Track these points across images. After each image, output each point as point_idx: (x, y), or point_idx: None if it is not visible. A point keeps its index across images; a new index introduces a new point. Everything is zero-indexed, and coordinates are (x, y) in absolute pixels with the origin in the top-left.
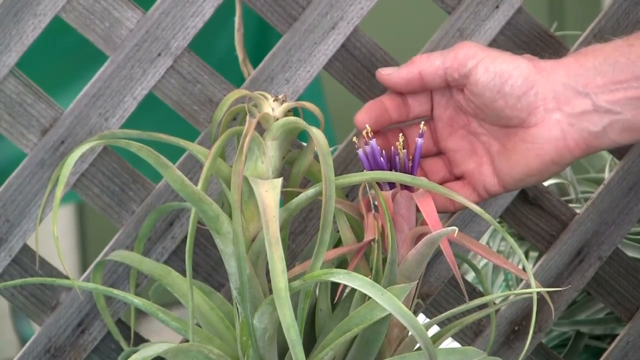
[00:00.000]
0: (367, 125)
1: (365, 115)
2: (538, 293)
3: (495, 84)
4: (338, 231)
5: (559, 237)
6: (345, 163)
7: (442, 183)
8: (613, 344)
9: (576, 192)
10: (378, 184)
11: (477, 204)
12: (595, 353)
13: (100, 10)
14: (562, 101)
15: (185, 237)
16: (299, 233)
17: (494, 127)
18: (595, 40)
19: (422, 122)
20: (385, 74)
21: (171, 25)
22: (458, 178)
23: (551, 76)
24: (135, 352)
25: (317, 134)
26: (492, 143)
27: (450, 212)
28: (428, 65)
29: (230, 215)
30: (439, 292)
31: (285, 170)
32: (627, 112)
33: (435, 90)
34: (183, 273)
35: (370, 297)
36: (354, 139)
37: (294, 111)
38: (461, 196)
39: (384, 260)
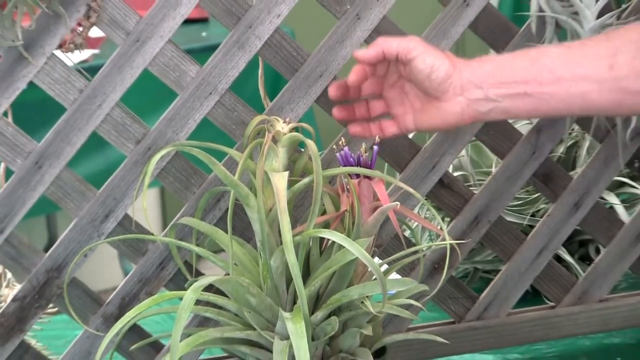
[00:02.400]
0: (342, 139)
1: (354, 74)
2: (450, 244)
3: (426, 72)
4: (324, 205)
5: (463, 209)
6: (329, 162)
7: (379, 116)
8: (497, 276)
9: (474, 180)
10: (349, 175)
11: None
12: (486, 282)
13: (173, 65)
14: (465, 90)
15: (227, 208)
16: (299, 206)
17: (418, 91)
18: None
19: (377, 136)
20: (360, 54)
21: (218, 74)
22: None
23: (462, 73)
24: (196, 281)
25: (310, 144)
26: (415, 102)
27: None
28: (387, 47)
29: (255, 195)
30: (387, 243)
31: (290, 167)
32: (505, 102)
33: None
34: (226, 231)
35: (344, 247)
36: (334, 146)
37: (295, 129)
38: (402, 183)
39: (353, 223)
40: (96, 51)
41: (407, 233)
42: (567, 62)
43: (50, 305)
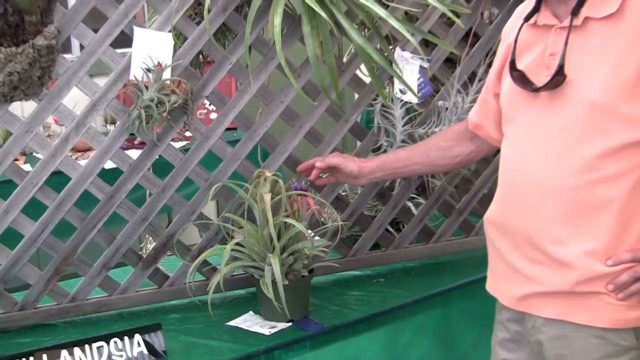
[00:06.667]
0: (293, 179)
1: (313, 175)
2: (340, 224)
3: (349, 172)
4: (286, 208)
5: (346, 209)
6: (288, 188)
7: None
8: (361, 237)
9: (352, 196)
10: (298, 194)
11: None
12: (356, 239)
13: (221, 147)
14: (367, 175)
15: (244, 209)
16: (275, 208)
17: (346, 174)
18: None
19: (309, 181)
20: (318, 164)
21: (240, 151)
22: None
23: (364, 168)
24: (231, 240)
25: (280, 181)
26: (345, 178)
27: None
28: (331, 160)
29: (257, 203)
30: (313, 223)
31: (271, 191)
32: (384, 177)
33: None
34: (244, 219)
35: (295, 226)
36: (290, 182)
37: (274, 175)
38: (320, 198)
39: (299, 216)
40: (188, 142)
41: (322, 219)
42: (409, 157)
43: (168, 252)
